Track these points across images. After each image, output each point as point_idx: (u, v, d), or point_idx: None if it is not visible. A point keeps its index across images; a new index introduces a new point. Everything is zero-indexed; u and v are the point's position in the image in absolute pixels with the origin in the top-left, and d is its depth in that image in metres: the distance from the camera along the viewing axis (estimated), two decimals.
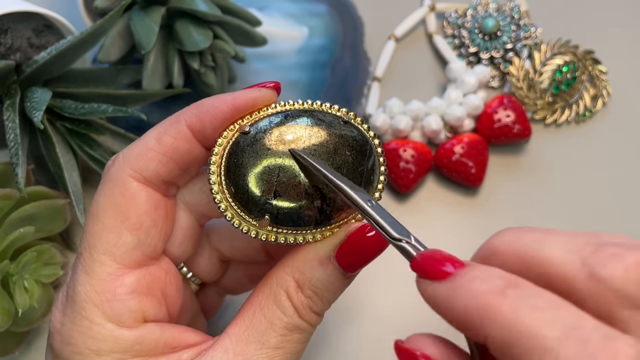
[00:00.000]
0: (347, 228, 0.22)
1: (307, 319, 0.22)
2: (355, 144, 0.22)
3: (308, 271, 0.22)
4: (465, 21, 0.43)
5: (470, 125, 0.39)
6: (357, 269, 0.22)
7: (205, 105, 0.23)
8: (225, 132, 0.22)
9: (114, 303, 0.22)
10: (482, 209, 0.38)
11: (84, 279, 0.22)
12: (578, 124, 0.41)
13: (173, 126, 0.23)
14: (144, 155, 0.22)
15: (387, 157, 0.37)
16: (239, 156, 0.22)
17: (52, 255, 0.32)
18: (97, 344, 0.21)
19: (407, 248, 0.19)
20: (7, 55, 0.33)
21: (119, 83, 0.35)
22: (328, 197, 0.22)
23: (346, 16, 0.43)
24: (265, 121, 0.22)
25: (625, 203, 0.38)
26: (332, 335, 0.34)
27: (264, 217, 0.21)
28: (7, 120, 0.31)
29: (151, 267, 0.23)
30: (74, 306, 0.22)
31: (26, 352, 0.33)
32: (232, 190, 0.22)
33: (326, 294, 0.22)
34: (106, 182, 0.23)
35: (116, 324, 0.21)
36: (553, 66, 0.40)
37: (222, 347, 0.22)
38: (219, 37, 0.35)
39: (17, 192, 0.30)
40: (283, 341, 0.22)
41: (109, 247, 0.22)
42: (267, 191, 0.21)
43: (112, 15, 0.31)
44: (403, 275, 0.35)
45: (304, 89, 0.40)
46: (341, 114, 0.23)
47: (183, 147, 0.23)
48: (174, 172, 0.23)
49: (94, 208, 0.23)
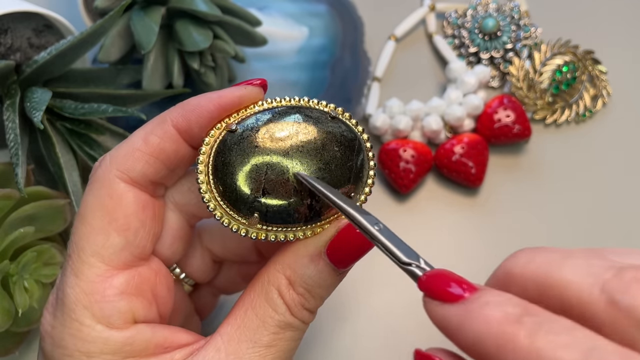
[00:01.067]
0: (337, 224, 0.22)
1: (299, 317, 0.22)
2: (344, 139, 0.22)
3: (299, 268, 0.22)
4: (465, 21, 0.43)
5: (470, 125, 0.39)
6: (348, 264, 0.22)
7: (191, 104, 0.23)
8: (212, 131, 0.22)
9: (103, 304, 0.21)
10: (482, 209, 0.38)
11: (73, 281, 0.22)
12: (578, 124, 0.41)
13: (159, 126, 0.23)
14: (130, 155, 0.22)
15: (387, 157, 0.37)
16: (227, 155, 0.21)
17: (52, 255, 0.32)
18: (87, 345, 0.21)
19: (416, 272, 0.19)
20: (7, 55, 0.33)
21: (119, 83, 0.35)
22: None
23: (346, 16, 0.43)
24: (253, 119, 0.22)
25: (625, 203, 0.38)
26: (325, 332, 0.34)
27: (253, 215, 0.21)
28: (7, 120, 0.31)
29: (140, 268, 0.23)
30: (63, 308, 0.22)
31: (26, 352, 0.33)
32: (221, 189, 0.21)
33: (318, 290, 0.22)
34: (93, 183, 0.23)
35: (106, 326, 0.21)
36: (553, 66, 0.40)
37: (214, 346, 0.22)
38: (219, 37, 0.35)
39: (17, 192, 0.30)
40: (275, 339, 0.22)
41: (97, 248, 0.22)
42: (255, 189, 0.21)
43: (112, 15, 0.31)
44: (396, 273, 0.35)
45: (304, 89, 0.40)
46: (329, 110, 0.23)
47: (170, 147, 0.23)
48: (161, 172, 0.23)
49: (82, 209, 0.23)
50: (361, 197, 0.23)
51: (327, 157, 0.22)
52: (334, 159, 0.22)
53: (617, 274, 0.15)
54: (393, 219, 0.38)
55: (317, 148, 0.22)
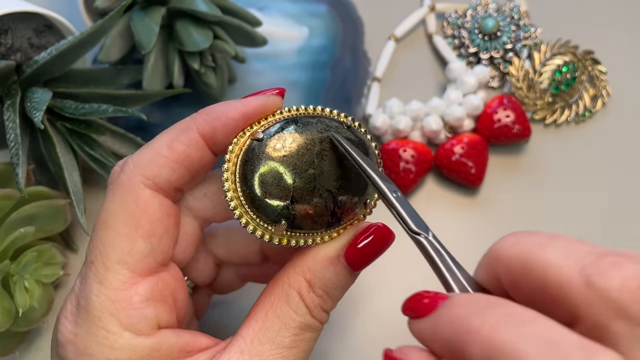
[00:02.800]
0: (354, 228, 0.23)
1: (318, 318, 0.23)
2: (359, 147, 0.23)
3: (319, 271, 0.22)
4: (465, 21, 0.43)
5: (470, 125, 0.39)
6: (363, 266, 0.23)
7: (216, 112, 0.23)
8: (236, 139, 0.23)
9: (130, 312, 0.22)
10: (482, 209, 0.38)
11: (98, 288, 0.22)
12: (578, 124, 0.41)
13: (185, 133, 0.23)
14: (155, 162, 0.22)
15: (387, 157, 0.38)
16: (255, 163, 0.22)
17: (53, 255, 0.32)
18: (115, 353, 0.21)
19: (423, 242, 0.20)
20: (8, 56, 0.33)
21: (119, 83, 0.35)
22: (340, 200, 0.22)
23: (346, 16, 0.43)
24: (276, 127, 0.23)
25: (625, 203, 0.38)
26: (335, 329, 0.34)
27: (280, 223, 0.22)
28: (8, 120, 0.31)
29: (162, 274, 0.23)
30: (88, 316, 0.22)
31: (26, 352, 0.33)
32: (248, 196, 0.22)
33: (335, 292, 0.23)
34: (116, 189, 0.23)
35: (133, 333, 0.22)
36: (553, 66, 0.40)
37: (237, 348, 0.22)
38: (219, 37, 0.35)
39: (18, 192, 0.30)
40: (296, 340, 0.22)
41: (123, 255, 0.22)
42: (284, 197, 0.22)
43: (113, 16, 0.31)
44: (402, 268, 0.35)
45: (304, 89, 0.40)
46: (344, 120, 0.24)
47: (195, 154, 0.23)
48: (184, 178, 0.23)
49: (105, 215, 0.22)
50: (372, 202, 0.24)
51: (348, 165, 0.23)
52: (354, 168, 0.23)
53: (597, 258, 0.16)
54: (393, 219, 0.38)
55: (338, 158, 0.23)
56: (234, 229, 0.28)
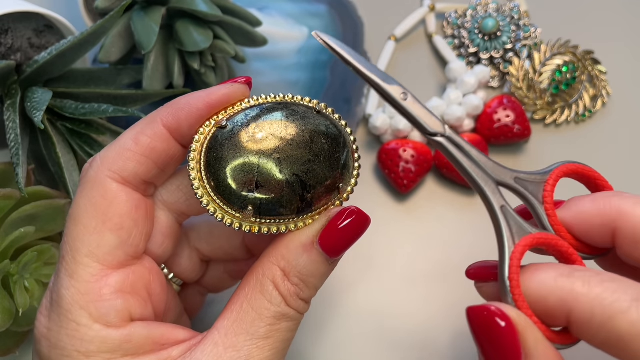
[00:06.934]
0: (328, 213, 0.23)
1: (294, 307, 0.22)
2: (330, 132, 0.23)
3: (293, 258, 0.22)
4: (465, 21, 0.43)
5: (470, 125, 0.39)
6: (340, 253, 0.22)
7: (180, 103, 0.23)
8: (202, 129, 0.23)
9: (99, 304, 0.22)
10: (481, 209, 0.38)
11: (68, 282, 0.22)
12: (578, 124, 0.41)
13: (149, 126, 0.23)
14: (121, 156, 0.23)
15: (387, 157, 0.37)
16: (218, 150, 0.22)
17: (53, 255, 0.32)
18: (86, 345, 0.21)
19: (443, 143, 0.20)
20: (8, 56, 0.33)
21: (119, 83, 0.35)
22: (309, 184, 0.22)
23: (346, 16, 0.43)
24: (242, 115, 0.23)
25: None
26: (319, 321, 0.34)
27: (247, 209, 0.22)
28: (8, 120, 0.31)
29: (134, 267, 0.23)
30: (59, 310, 0.22)
31: (27, 351, 0.33)
32: (213, 184, 0.22)
33: (312, 280, 0.23)
34: (85, 184, 0.23)
35: (103, 325, 0.22)
36: (553, 66, 0.40)
37: (211, 340, 0.22)
38: (219, 37, 0.35)
39: (18, 192, 0.30)
40: (272, 330, 0.22)
41: (92, 248, 0.22)
42: (248, 183, 0.21)
43: (113, 16, 0.31)
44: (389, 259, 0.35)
45: (304, 89, 0.40)
46: (313, 105, 0.24)
47: (160, 147, 0.23)
48: (152, 171, 0.23)
49: (74, 210, 0.23)
50: (348, 188, 0.23)
51: (316, 149, 0.22)
52: (323, 151, 0.22)
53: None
54: (393, 219, 0.38)
55: (305, 141, 0.22)
56: (215, 224, 0.28)
